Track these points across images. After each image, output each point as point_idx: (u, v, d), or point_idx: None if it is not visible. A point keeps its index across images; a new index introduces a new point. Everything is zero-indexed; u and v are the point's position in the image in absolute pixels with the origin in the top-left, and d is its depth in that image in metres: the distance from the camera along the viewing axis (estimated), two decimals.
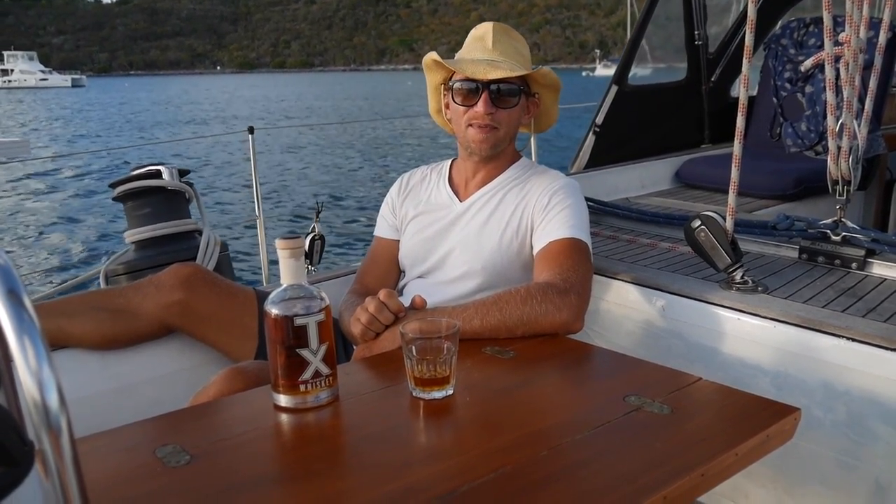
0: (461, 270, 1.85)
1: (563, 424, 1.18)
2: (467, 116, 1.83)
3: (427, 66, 1.92)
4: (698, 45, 4.06)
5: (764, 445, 1.11)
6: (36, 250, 10.50)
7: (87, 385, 1.83)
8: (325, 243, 3.48)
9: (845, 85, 2.01)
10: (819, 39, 3.77)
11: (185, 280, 1.84)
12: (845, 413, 1.62)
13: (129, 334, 1.86)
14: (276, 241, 1.23)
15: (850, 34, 2.00)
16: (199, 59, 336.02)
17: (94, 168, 18.24)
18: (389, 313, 1.52)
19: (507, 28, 1.91)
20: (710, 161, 3.62)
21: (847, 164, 2.04)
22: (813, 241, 2.16)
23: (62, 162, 18.87)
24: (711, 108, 4.20)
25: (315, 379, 1.21)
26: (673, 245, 2.38)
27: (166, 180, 2.58)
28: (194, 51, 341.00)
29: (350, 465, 1.09)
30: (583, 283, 1.63)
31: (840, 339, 1.63)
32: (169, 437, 1.12)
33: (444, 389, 1.23)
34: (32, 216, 13.09)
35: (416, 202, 2.00)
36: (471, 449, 1.09)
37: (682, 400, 1.22)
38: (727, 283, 1.94)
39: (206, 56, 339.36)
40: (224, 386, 1.46)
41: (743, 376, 1.78)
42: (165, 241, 2.51)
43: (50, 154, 21.57)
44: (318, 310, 1.21)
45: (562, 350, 1.52)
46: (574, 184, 1.89)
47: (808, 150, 3.70)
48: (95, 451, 1.09)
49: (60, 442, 0.58)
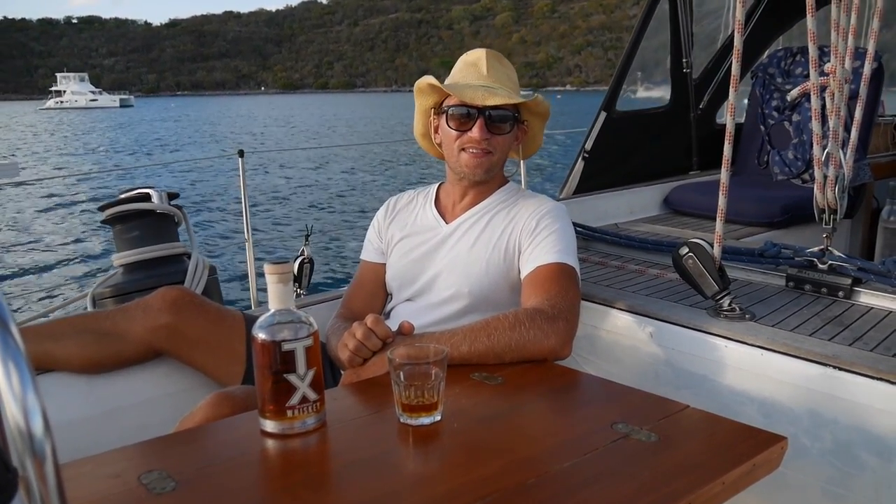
0: (448, 293, 1.85)
1: (550, 452, 1.17)
2: (460, 141, 1.84)
3: (420, 90, 1.92)
4: (686, 72, 4.11)
5: (751, 474, 1.11)
6: (23, 273, 10.45)
7: (74, 409, 1.81)
8: (314, 266, 3.47)
9: (831, 115, 2.03)
10: (806, 69, 3.82)
11: (173, 303, 1.84)
12: (832, 442, 1.62)
13: (116, 358, 1.85)
14: (265, 265, 1.23)
15: (835, 65, 2.03)
16: (243, 80, 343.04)
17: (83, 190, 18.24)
18: (377, 339, 1.52)
19: (498, 55, 1.93)
20: (699, 188, 3.65)
21: (833, 192, 2.06)
22: (800, 269, 2.17)
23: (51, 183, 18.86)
24: (699, 135, 4.24)
25: (302, 404, 1.20)
26: (661, 272, 2.39)
27: (155, 203, 2.57)
28: (239, 72, 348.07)
29: (336, 492, 1.08)
30: (571, 309, 1.63)
31: (827, 367, 1.64)
32: (154, 462, 1.11)
33: (431, 415, 1.23)
34: (21, 238, 13.04)
35: (402, 225, 2.00)
36: (458, 476, 1.09)
37: (670, 428, 1.22)
38: (715, 310, 1.95)
39: (251, 77, 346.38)
40: (210, 411, 1.45)
41: (731, 403, 1.78)
42: (154, 265, 2.50)
43: (38, 176, 21.55)
44: (306, 335, 1.20)
45: (549, 376, 1.51)
46: (561, 208, 1.90)
47: (796, 178, 3.73)
48: (80, 476, 1.08)
49: (45, 469, 0.58)
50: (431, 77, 1.88)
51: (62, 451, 1.22)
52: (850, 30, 2.01)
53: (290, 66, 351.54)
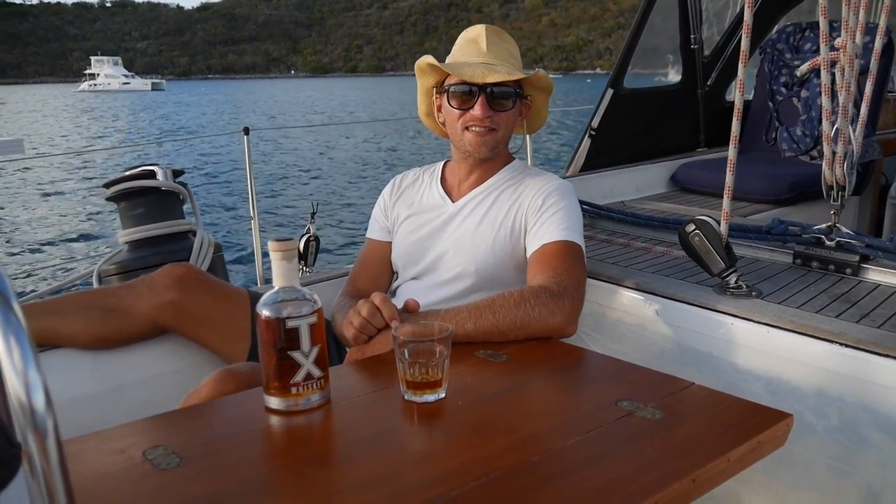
0: (454, 272, 1.85)
1: (554, 429, 1.17)
2: (463, 119, 1.83)
3: (420, 69, 1.91)
4: (694, 48, 4.07)
5: (756, 451, 1.11)
6: (29, 250, 10.49)
7: (79, 385, 1.82)
8: (319, 244, 3.47)
9: (841, 90, 2.01)
10: (815, 44, 3.78)
11: (179, 280, 1.84)
12: (838, 419, 1.62)
13: (122, 334, 1.86)
14: (269, 242, 1.22)
15: (845, 39, 2.00)
16: (273, 64, 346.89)
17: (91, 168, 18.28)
18: (382, 318, 1.52)
19: (499, 30, 1.90)
20: (706, 165, 3.62)
21: (842, 169, 2.04)
22: (807, 247, 2.16)
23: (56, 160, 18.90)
24: (707, 112, 4.20)
25: (307, 381, 1.20)
26: (667, 249, 2.38)
27: (160, 181, 2.57)
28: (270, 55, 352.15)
29: (340, 469, 1.08)
30: (577, 287, 1.63)
31: (833, 344, 1.63)
32: (159, 438, 1.11)
33: (436, 393, 1.23)
34: (27, 215, 13.09)
35: (408, 203, 1.99)
36: (461, 453, 1.09)
37: (675, 405, 1.22)
38: (721, 287, 1.94)
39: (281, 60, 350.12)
40: (216, 387, 1.46)
41: (736, 381, 1.78)
42: (159, 242, 2.50)
43: (43, 153, 21.58)
44: (311, 312, 1.20)
45: (555, 354, 1.51)
46: (568, 185, 1.89)
47: (804, 154, 3.70)
48: (85, 452, 1.08)
49: (47, 444, 0.58)
50: (430, 56, 1.86)
51: (68, 427, 1.23)
52: (862, 3, 1.98)
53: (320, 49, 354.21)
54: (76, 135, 31.54)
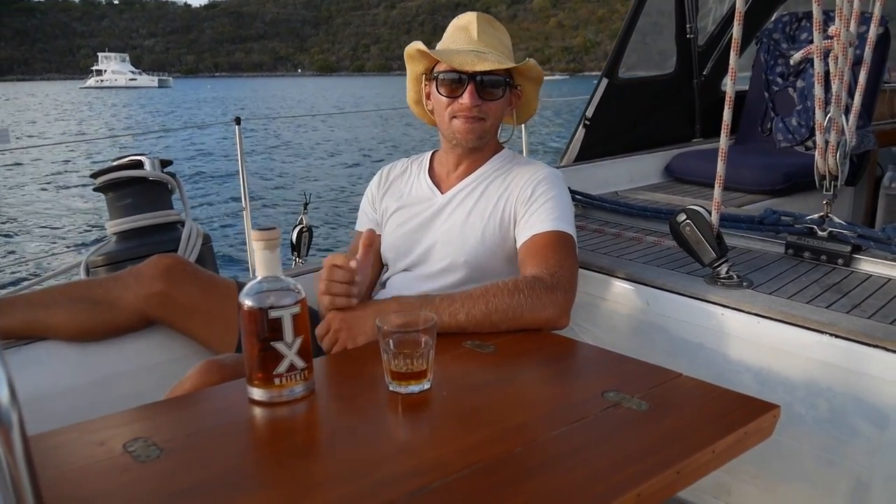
0: (444, 263, 1.83)
1: (539, 420, 1.16)
2: (452, 108, 1.81)
3: (409, 56, 1.88)
4: (689, 38, 4.05)
5: (742, 443, 1.10)
6: (16, 241, 10.47)
7: (66, 377, 1.81)
8: (312, 235, 3.46)
9: (834, 79, 2.00)
10: (811, 33, 3.75)
11: (166, 271, 1.82)
12: (827, 409, 1.61)
13: (109, 326, 1.84)
14: (252, 232, 1.21)
15: (839, 28, 1.99)
16: (280, 62, 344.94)
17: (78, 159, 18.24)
18: (344, 271, 1.49)
19: (490, 19, 1.88)
20: (701, 155, 3.61)
21: (834, 158, 2.03)
22: (799, 237, 2.15)
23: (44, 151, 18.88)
24: (703, 103, 4.19)
25: (290, 372, 1.19)
26: (658, 239, 2.37)
27: (148, 171, 2.55)
28: (277, 53, 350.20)
29: (323, 460, 1.07)
30: (570, 279, 1.62)
31: (823, 335, 1.63)
32: (140, 430, 1.10)
33: (420, 384, 1.22)
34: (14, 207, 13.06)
35: (396, 196, 1.97)
36: (445, 444, 1.08)
37: (661, 396, 1.21)
38: (712, 277, 1.93)
39: (288, 59, 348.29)
40: (200, 379, 1.44)
41: (726, 372, 1.77)
42: (147, 233, 2.48)
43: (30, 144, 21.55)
44: (294, 302, 1.19)
45: (543, 345, 1.50)
46: (557, 174, 1.87)
47: (799, 144, 3.69)
48: (65, 444, 1.07)
49: (11, 436, 0.57)
50: (420, 43, 1.83)
51: (54, 420, 1.21)
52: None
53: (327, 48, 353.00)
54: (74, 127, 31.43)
